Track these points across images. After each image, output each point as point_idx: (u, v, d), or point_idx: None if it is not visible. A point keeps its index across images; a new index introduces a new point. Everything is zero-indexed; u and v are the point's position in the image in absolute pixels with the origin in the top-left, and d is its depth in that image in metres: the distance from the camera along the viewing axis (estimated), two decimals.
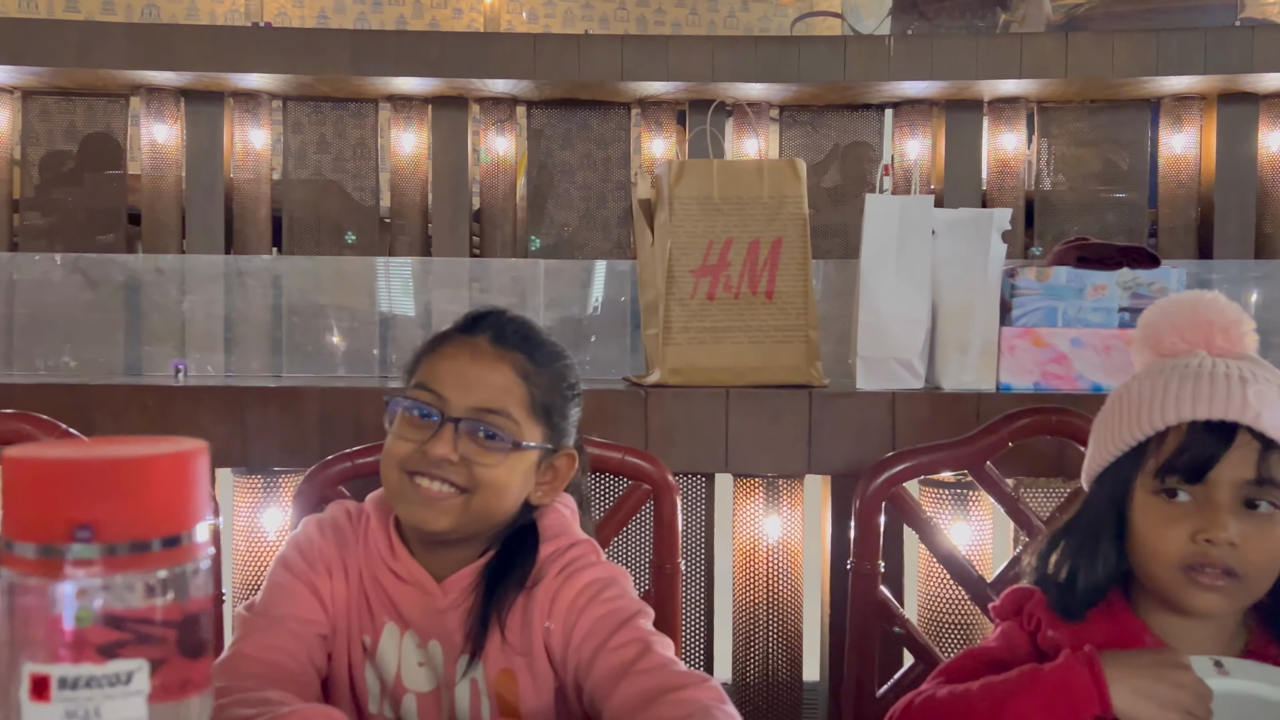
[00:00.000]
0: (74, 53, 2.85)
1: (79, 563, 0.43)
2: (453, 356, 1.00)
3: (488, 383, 0.98)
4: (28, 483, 0.43)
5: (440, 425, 0.97)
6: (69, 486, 0.43)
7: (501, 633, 1.00)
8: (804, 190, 1.78)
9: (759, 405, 1.66)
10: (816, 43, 3.11)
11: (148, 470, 0.44)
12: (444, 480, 0.97)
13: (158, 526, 0.45)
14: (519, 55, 3.16)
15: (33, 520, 0.43)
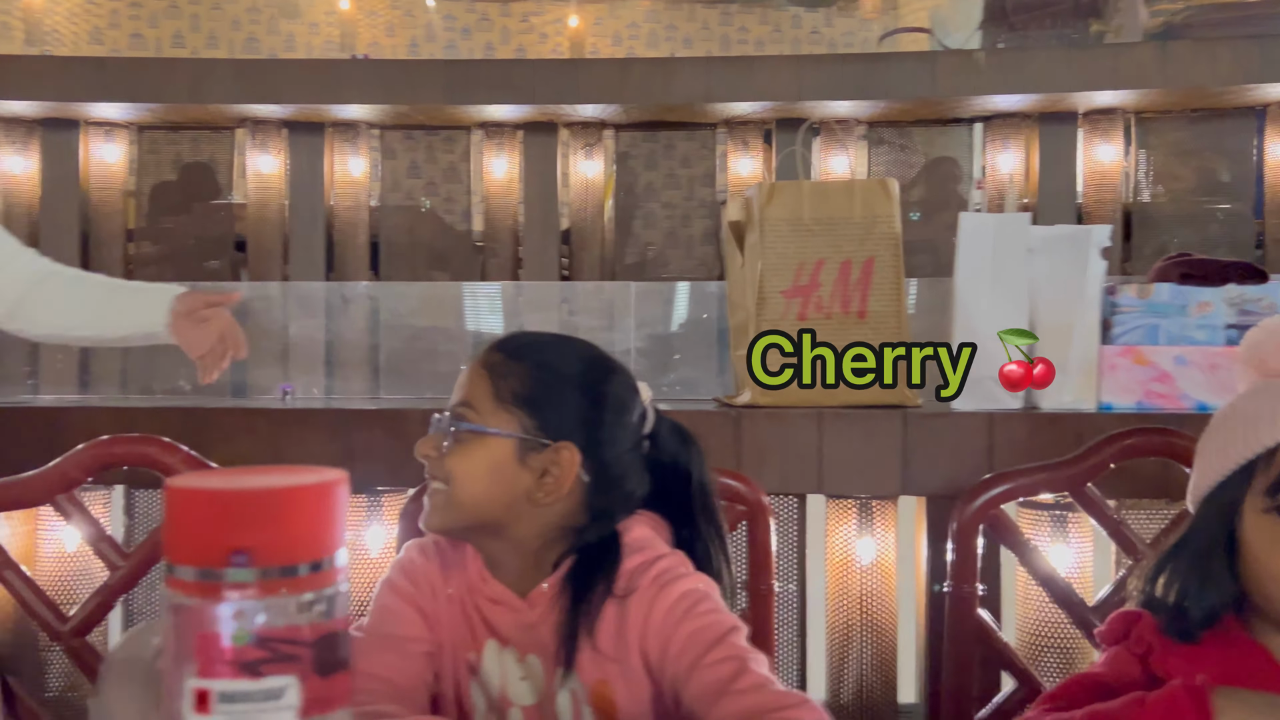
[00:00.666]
0: (186, 89, 2.99)
1: (236, 585, 0.47)
2: None
3: (461, 383, 1.05)
4: (190, 511, 0.47)
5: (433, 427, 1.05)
6: (227, 515, 0.46)
7: (593, 643, 1.02)
8: (896, 209, 1.78)
9: (852, 426, 1.66)
10: (905, 59, 3.10)
11: (297, 499, 0.48)
12: (435, 476, 1.03)
13: (305, 552, 0.48)
14: (607, 80, 3.21)
15: (194, 546, 0.47)
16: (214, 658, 0.48)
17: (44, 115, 3.10)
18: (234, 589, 0.47)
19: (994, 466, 1.60)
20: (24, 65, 3.15)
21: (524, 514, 1.03)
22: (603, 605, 1.02)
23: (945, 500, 1.60)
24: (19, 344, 2.89)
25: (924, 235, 3.31)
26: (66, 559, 1.77)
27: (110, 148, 3.24)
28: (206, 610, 0.47)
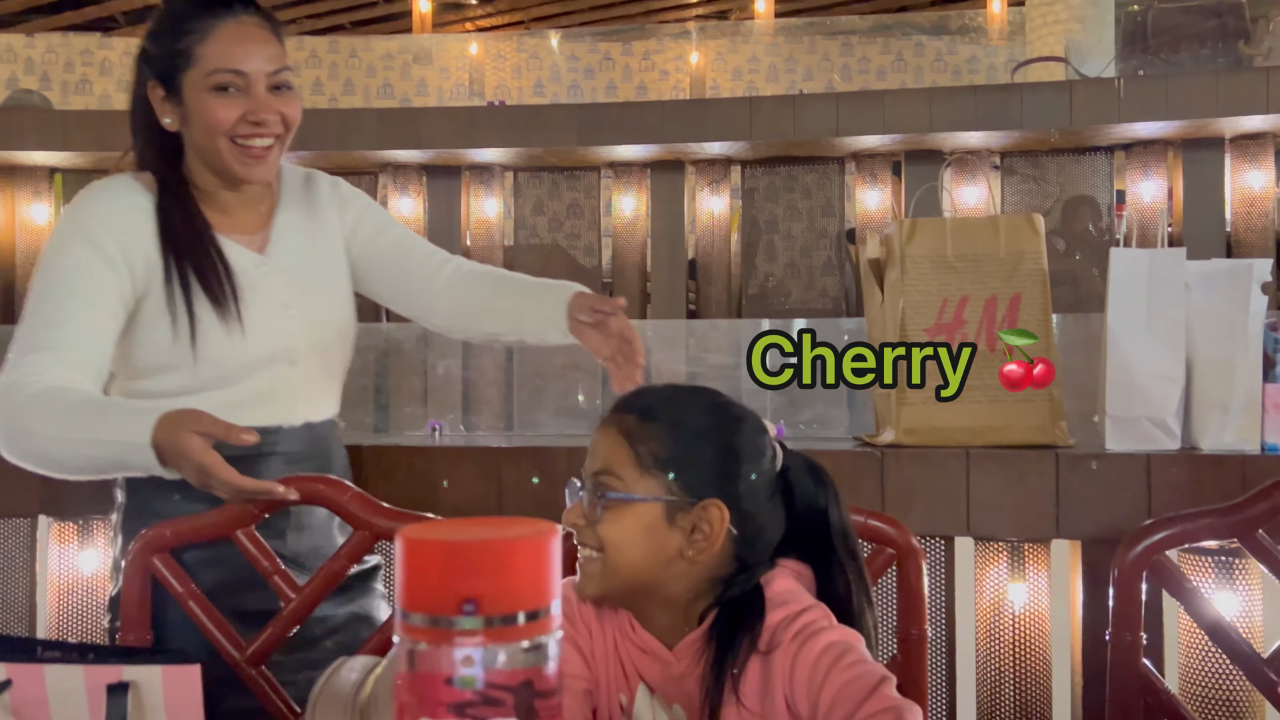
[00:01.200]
0: (334, 137, 3.14)
1: (465, 633, 0.50)
2: (592, 436, 1.09)
3: (598, 450, 1.05)
4: (426, 561, 0.50)
5: (575, 494, 1.06)
6: (460, 565, 0.49)
7: (737, 697, 1.01)
8: (1043, 245, 1.75)
9: (1001, 466, 1.63)
10: (1040, 89, 3.05)
11: (521, 550, 0.51)
12: (584, 544, 1.04)
13: (526, 601, 0.51)
14: (734, 119, 3.25)
15: (428, 594, 0.50)
16: (440, 700, 0.50)
17: None
18: (463, 636, 0.50)
19: (1153, 510, 1.55)
20: None
21: (676, 572, 1.04)
22: (747, 660, 1.02)
23: (1102, 545, 1.55)
24: None
25: (1064, 267, 3.23)
26: None
27: None
28: (437, 655, 0.50)
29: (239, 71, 1.36)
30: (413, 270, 1.56)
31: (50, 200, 3.39)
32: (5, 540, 1.88)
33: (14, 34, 7.57)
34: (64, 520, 1.88)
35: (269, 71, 1.37)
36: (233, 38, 1.37)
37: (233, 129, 1.37)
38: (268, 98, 1.37)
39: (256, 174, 1.40)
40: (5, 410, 1.30)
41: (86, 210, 1.42)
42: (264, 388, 1.44)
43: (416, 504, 1.50)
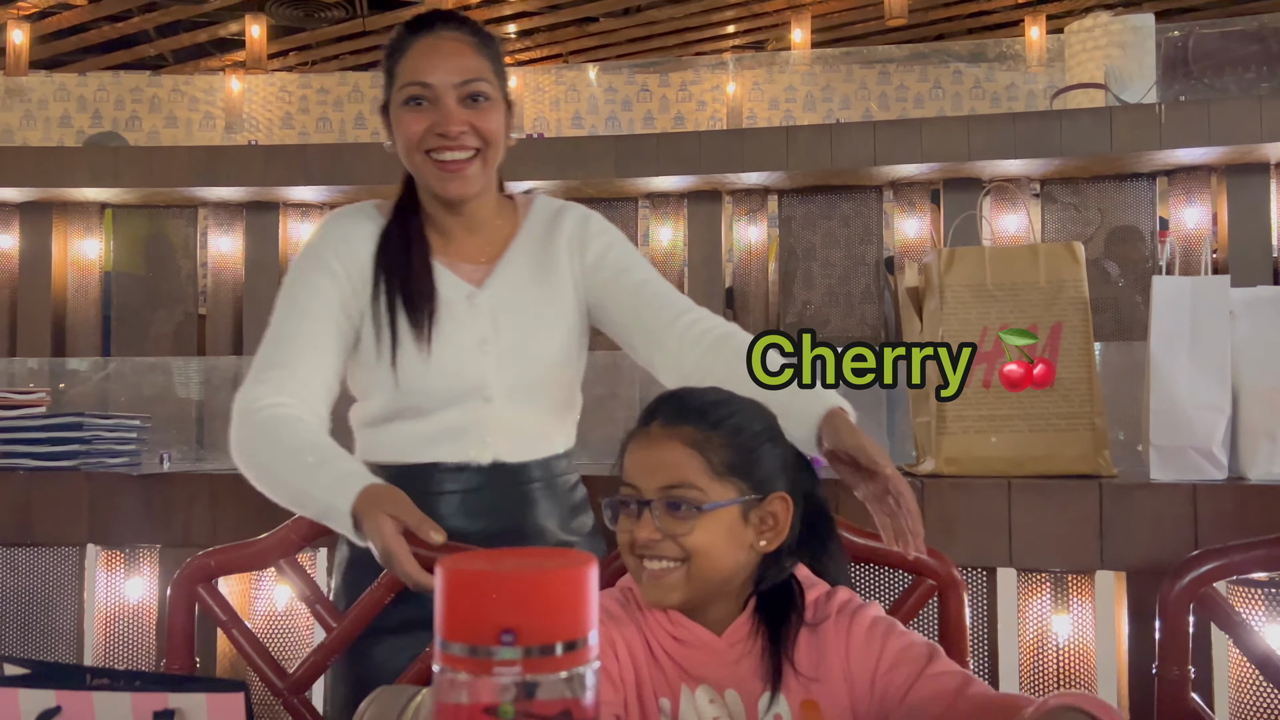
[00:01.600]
0: (377, 171, 3.19)
1: (504, 663, 0.50)
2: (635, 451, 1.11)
3: (665, 464, 1.08)
4: (465, 592, 0.51)
5: (639, 511, 1.07)
6: (499, 596, 0.50)
7: (794, 667, 1.08)
8: (1084, 273, 1.74)
9: (1044, 497, 1.61)
10: (1080, 116, 3.03)
11: (559, 582, 0.51)
12: (661, 557, 1.07)
13: (563, 632, 0.51)
14: (772, 149, 3.26)
15: (467, 624, 0.51)
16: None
17: (249, 200, 3.37)
18: (502, 666, 0.50)
19: (1200, 541, 1.53)
20: (234, 155, 3.43)
21: (744, 564, 1.10)
22: (798, 633, 1.09)
23: (1148, 576, 1.53)
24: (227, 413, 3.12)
25: (1106, 294, 3.20)
26: (276, 617, 1.88)
27: (305, 226, 3.48)
28: (475, 685, 0.51)
29: (425, 83, 1.35)
30: (645, 317, 1.45)
31: (100, 235, 3.47)
32: (54, 568, 1.91)
33: (67, 74, 7.79)
34: (111, 549, 1.91)
35: (456, 82, 1.36)
36: (424, 52, 1.37)
37: (422, 141, 1.36)
38: (456, 109, 1.35)
39: (454, 189, 1.37)
40: (239, 428, 1.34)
41: (319, 235, 1.46)
42: (454, 423, 1.39)
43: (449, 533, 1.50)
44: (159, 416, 2.83)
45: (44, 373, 3.12)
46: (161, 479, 1.85)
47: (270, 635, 1.90)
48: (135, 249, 3.52)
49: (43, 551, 1.91)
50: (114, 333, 3.46)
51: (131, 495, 1.84)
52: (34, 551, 1.92)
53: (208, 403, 3.11)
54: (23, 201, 3.34)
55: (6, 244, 3.35)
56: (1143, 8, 6.08)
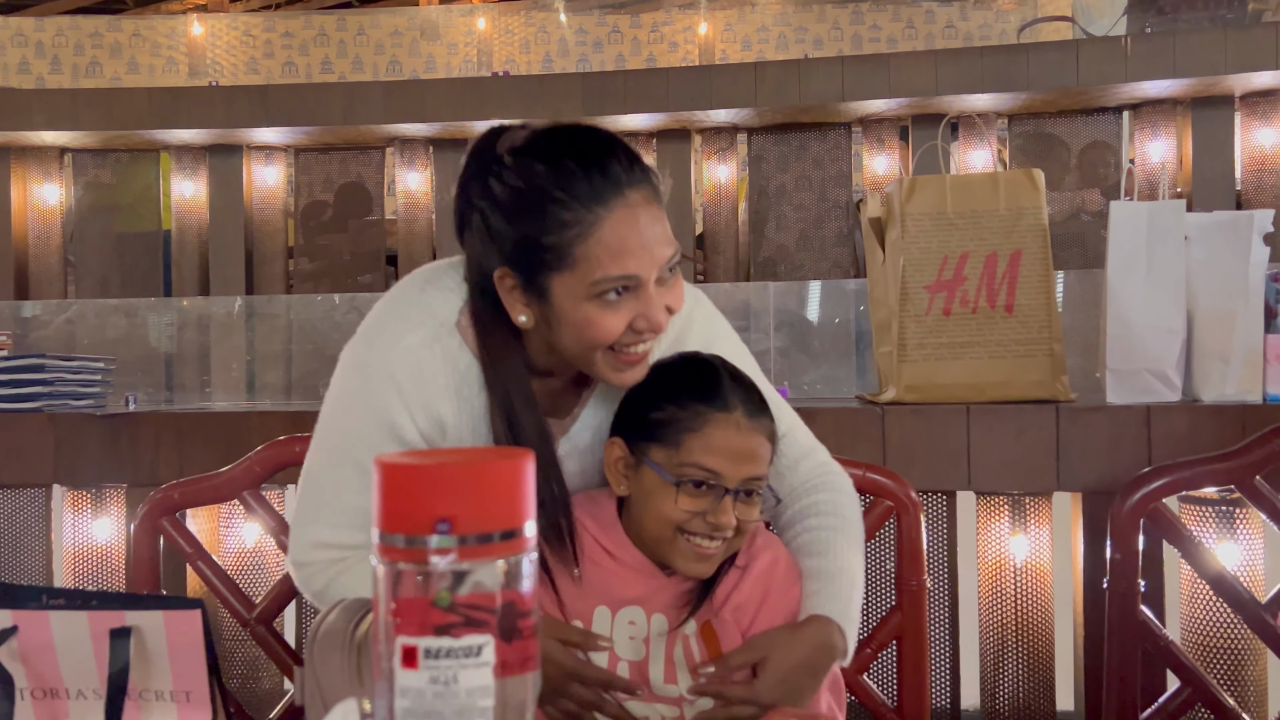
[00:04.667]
0: (340, 112, 3.15)
1: (439, 551, 0.51)
2: (718, 434, 1.09)
3: (754, 455, 1.10)
4: (401, 484, 0.51)
5: (720, 497, 1.08)
6: (433, 487, 0.51)
7: (711, 601, 1.13)
8: (1043, 201, 1.75)
9: (1002, 421, 1.64)
10: (1046, 49, 3.02)
11: (492, 473, 0.52)
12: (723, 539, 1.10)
13: (499, 521, 0.52)
14: (740, 85, 3.23)
15: (403, 515, 0.51)
16: (419, 618, 0.52)
17: (211, 142, 3.32)
18: (438, 554, 0.51)
19: (1153, 461, 1.56)
20: (194, 96, 3.37)
21: None
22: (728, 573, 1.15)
23: (1102, 496, 1.56)
24: (196, 355, 3.11)
25: (1072, 229, 3.21)
26: (246, 554, 1.89)
27: (270, 170, 3.44)
28: (413, 575, 0.52)
29: (631, 276, 1.03)
30: None
31: (61, 180, 3.41)
32: (21, 509, 1.91)
33: (24, 18, 7.60)
34: (77, 489, 1.91)
35: (663, 262, 1.04)
36: (624, 226, 1.02)
37: (619, 339, 1.06)
38: (658, 294, 1.05)
39: (630, 379, 1.10)
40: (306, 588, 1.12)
41: (383, 372, 1.11)
42: None
43: None
44: (126, 359, 2.82)
45: (5, 317, 3.09)
46: (126, 419, 1.84)
47: (240, 572, 1.91)
48: (98, 193, 3.47)
49: (7, 493, 1.91)
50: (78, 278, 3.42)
51: (96, 435, 1.83)
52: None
53: (174, 345, 3.09)
54: None
55: None
56: None
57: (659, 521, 1.10)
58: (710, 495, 1.08)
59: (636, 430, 1.14)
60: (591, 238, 1.02)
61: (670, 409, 1.12)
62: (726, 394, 1.11)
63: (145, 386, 2.96)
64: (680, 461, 1.09)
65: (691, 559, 1.10)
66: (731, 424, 1.09)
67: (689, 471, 1.09)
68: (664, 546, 1.11)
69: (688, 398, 1.12)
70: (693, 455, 1.09)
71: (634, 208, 1.03)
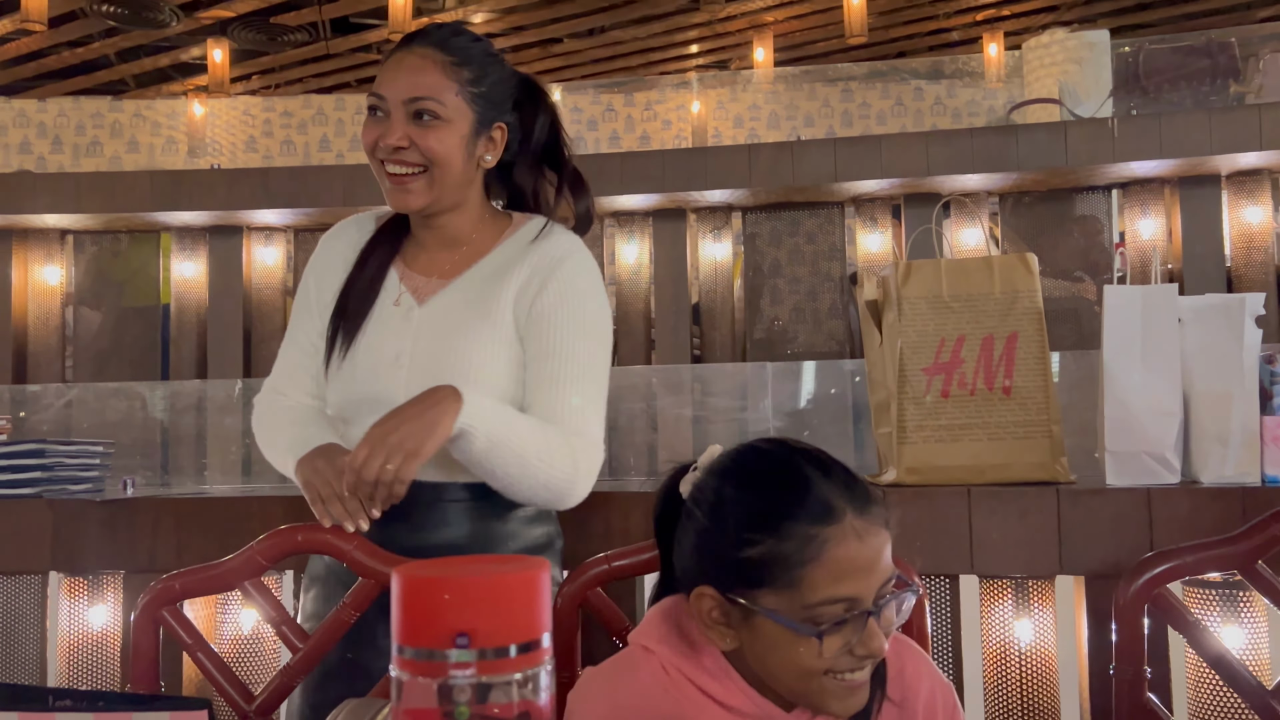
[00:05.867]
0: (340, 194, 3.19)
1: (458, 665, 0.51)
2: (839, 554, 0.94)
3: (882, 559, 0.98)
4: (420, 597, 0.52)
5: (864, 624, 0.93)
6: (453, 601, 0.51)
7: None
8: (1037, 284, 1.77)
9: (1003, 504, 1.64)
10: (1035, 130, 3.09)
11: (511, 585, 0.52)
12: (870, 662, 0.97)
13: (517, 634, 0.52)
14: (735, 166, 3.29)
15: (422, 629, 0.52)
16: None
17: (212, 224, 3.36)
18: (457, 668, 0.51)
19: (1155, 544, 1.56)
20: (197, 179, 3.42)
21: None
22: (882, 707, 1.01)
23: (1106, 580, 1.56)
24: (193, 438, 3.10)
25: (1066, 306, 3.25)
26: (242, 641, 1.87)
27: (270, 250, 3.47)
28: (431, 688, 0.52)
29: (379, 95, 1.38)
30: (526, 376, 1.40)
31: (62, 262, 3.44)
32: (17, 596, 1.89)
33: (27, 99, 7.72)
34: (74, 576, 1.90)
35: (405, 98, 1.37)
36: (389, 65, 1.39)
37: (374, 151, 1.39)
38: (402, 124, 1.37)
39: (397, 201, 1.41)
40: (257, 418, 1.54)
41: (316, 252, 1.55)
42: None
43: None
44: (124, 442, 2.81)
45: (5, 400, 3.09)
46: (125, 504, 1.83)
47: (237, 659, 1.89)
48: (98, 275, 3.49)
49: (4, 580, 1.89)
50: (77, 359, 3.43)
51: (94, 521, 1.83)
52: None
53: (172, 427, 3.09)
54: None
55: None
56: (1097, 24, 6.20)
57: (798, 674, 0.93)
58: (853, 625, 0.91)
59: (729, 575, 0.94)
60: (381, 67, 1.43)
61: (768, 542, 0.92)
62: (828, 498, 0.93)
63: (143, 469, 2.96)
64: (807, 603, 0.91)
65: (844, 696, 0.94)
66: (849, 534, 0.91)
67: (824, 612, 0.90)
68: (809, 697, 0.95)
69: (784, 519, 0.92)
70: (819, 591, 0.90)
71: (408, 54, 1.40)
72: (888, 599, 0.93)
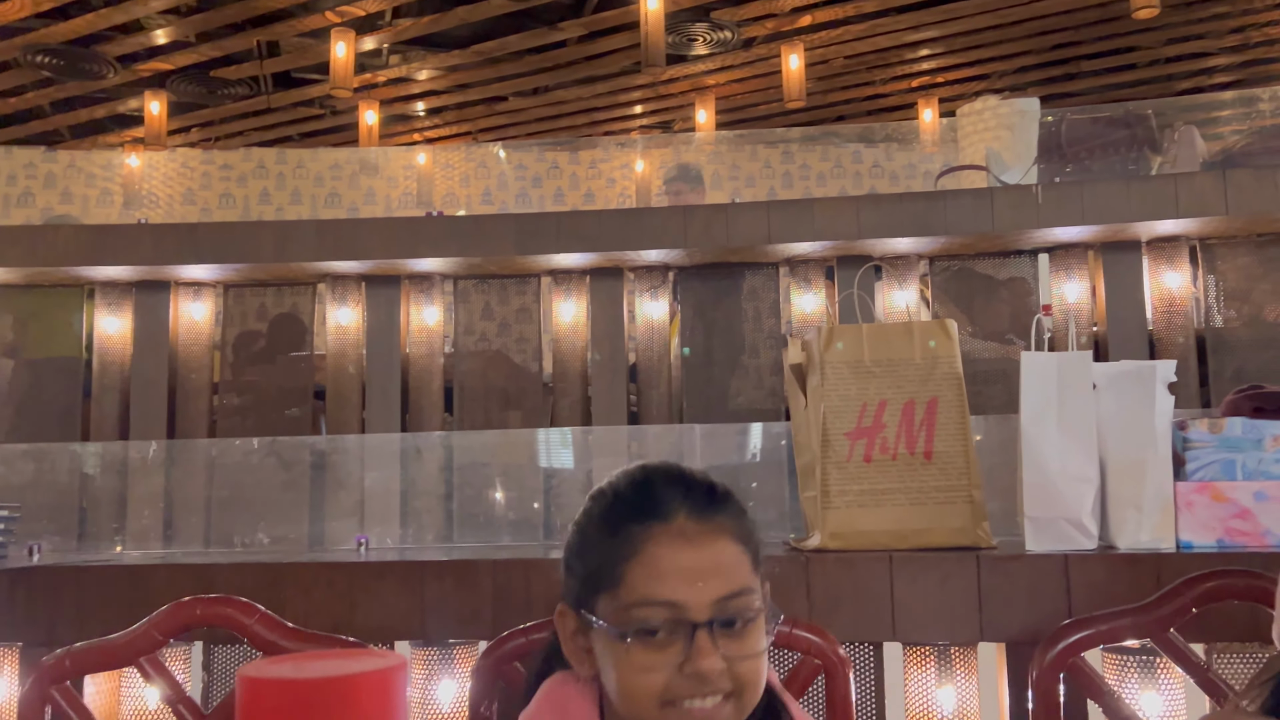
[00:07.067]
0: (271, 249, 3.15)
1: None
2: (660, 552, 0.82)
3: (717, 567, 0.82)
4: (264, 702, 0.49)
5: (690, 636, 0.81)
6: (299, 705, 0.49)
7: None
8: (956, 349, 1.79)
9: (925, 569, 1.64)
10: (962, 196, 3.15)
11: (363, 686, 0.50)
12: (715, 693, 0.82)
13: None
14: (670, 227, 3.32)
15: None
16: None
17: (138, 279, 3.29)
18: None
19: (1073, 610, 1.56)
20: (122, 234, 3.36)
21: None
22: None
23: (1026, 646, 1.56)
24: (110, 500, 3.01)
25: (995, 368, 3.30)
26: (148, 716, 1.79)
27: (198, 305, 3.41)
28: None
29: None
30: None
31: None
32: None
33: None
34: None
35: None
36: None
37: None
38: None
39: None
40: None
41: None
42: None
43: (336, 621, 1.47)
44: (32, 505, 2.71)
45: None
46: (24, 573, 1.76)
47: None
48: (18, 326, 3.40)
49: None
50: None
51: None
52: None
53: (89, 489, 2.99)
54: None
55: None
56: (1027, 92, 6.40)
57: (633, 698, 0.82)
58: (676, 638, 0.81)
59: (579, 587, 0.86)
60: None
61: (604, 542, 0.86)
62: (658, 496, 0.86)
63: (53, 534, 2.85)
64: (624, 604, 0.83)
65: None
66: (675, 534, 0.84)
67: (638, 614, 0.82)
68: None
69: (618, 519, 0.86)
70: (636, 590, 0.83)
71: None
72: (732, 620, 0.82)
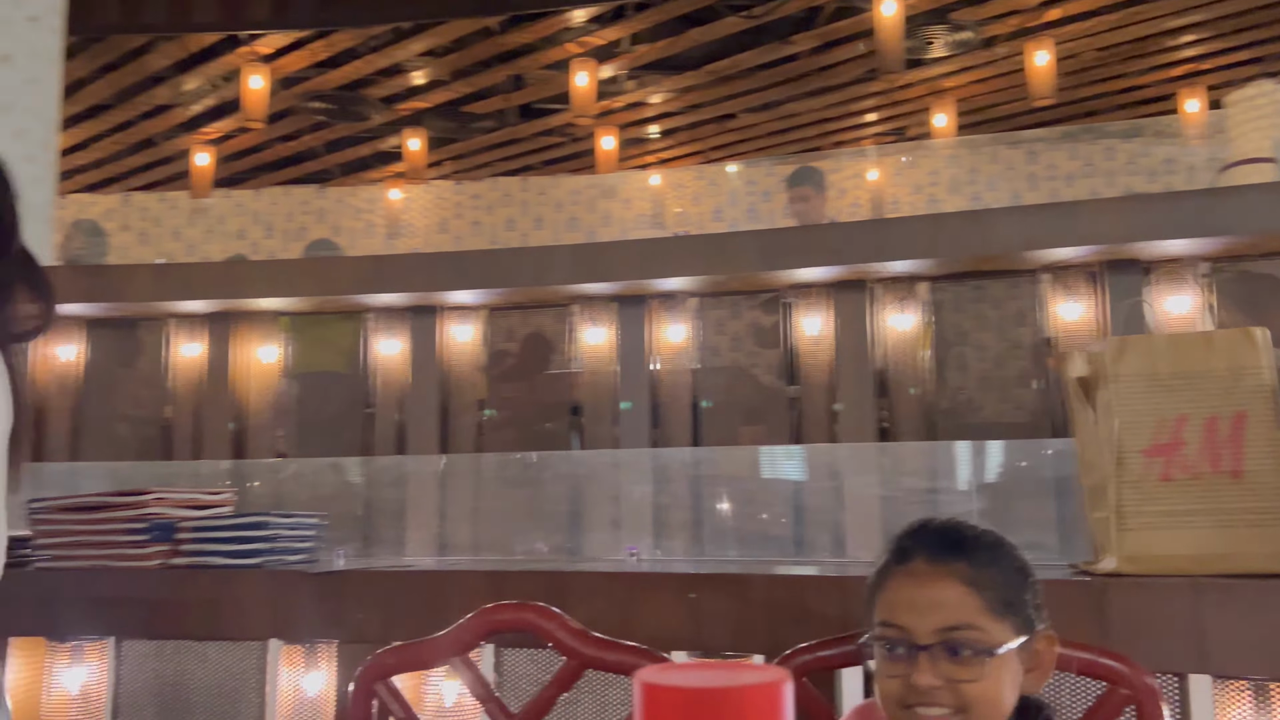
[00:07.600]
0: (531, 274, 3.31)
1: None
2: (896, 586, 1.07)
3: (938, 603, 1.04)
4: (665, 708, 0.52)
5: (914, 656, 1.03)
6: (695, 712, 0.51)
7: None
8: (1264, 360, 1.65)
9: (1235, 597, 1.52)
10: (1247, 193, 2.91)
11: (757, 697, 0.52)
12: (937, 704, 1.02)
13: None
14: (920, 237, 3.23)
15: None
16: None
17: (411, 304, 3.54)
18: None
19: None
20: (398, 263, 3.63)
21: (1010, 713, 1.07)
22: None
23: None
24: (391, 509, 3.25)
25: None
26: (444, 713, 1.92)
27: (464, 328, 3.62)
28: None
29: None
30: None
31: (279, 341, 3.70)
32: (240, 661, 2.01)
33: (244, 190, 8.41)
34: (292, 644, 2.00)
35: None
36: None
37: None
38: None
39: None
40: None
41: None
42: None
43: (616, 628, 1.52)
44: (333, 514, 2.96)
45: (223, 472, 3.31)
46: (337, 577, 1.93)
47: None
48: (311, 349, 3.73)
49: (229, 645, 2.01)
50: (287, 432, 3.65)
51: (310, 593, 1.92)
52: (221, 645, 2.02)
53: (372, 500, 3.24)
54: (209, 312, 3.60)
55: (195, 352, 3.60)
56: None
57: (882, 696, 1.06)
58: (906, 656, 1.04)
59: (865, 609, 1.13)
60: None
61: (873, 579, 1.13)
62: (906, 543, 1.10)
63: (350, 541, 3.11)
64: (873, 623, 1.08)
65: None
66: (907, 574, 1.07)
67: (881, 633, 1.06)
68: None
69: (883, 562, 1.12)
70: (878, 614, 1.07)
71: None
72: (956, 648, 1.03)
